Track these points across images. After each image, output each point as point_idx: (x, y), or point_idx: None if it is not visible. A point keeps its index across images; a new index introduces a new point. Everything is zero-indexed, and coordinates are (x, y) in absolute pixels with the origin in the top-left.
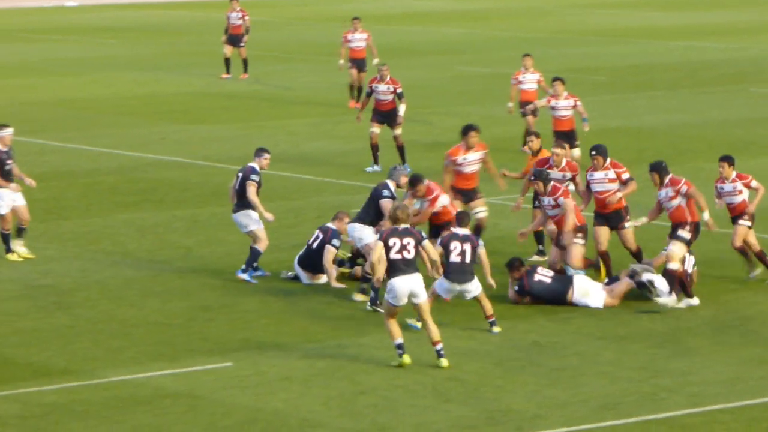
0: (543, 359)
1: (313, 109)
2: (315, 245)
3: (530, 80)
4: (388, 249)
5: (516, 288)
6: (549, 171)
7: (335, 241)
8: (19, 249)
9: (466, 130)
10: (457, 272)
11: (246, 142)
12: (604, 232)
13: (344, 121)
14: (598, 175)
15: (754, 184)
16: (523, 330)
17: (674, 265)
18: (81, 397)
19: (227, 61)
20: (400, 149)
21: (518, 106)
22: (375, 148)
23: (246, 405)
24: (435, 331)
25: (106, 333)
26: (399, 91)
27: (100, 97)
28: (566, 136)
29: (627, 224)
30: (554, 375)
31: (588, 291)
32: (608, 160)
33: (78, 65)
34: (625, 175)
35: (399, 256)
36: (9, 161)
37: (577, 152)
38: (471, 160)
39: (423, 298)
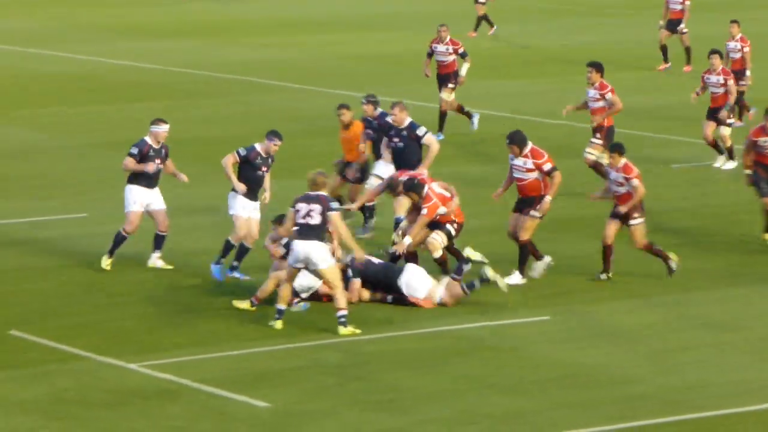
0: None
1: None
2: None
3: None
4: (296, 213)
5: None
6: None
7: None
8: (156, 262)
9: None
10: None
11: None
12: (513, 218)
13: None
14: (518, 162)
15: (634, 182)
16: None
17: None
18: (398, 347)
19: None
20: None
21: None
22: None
23: (563, 359)
24: (341, 300)
25: None
26: (461, 51)
27: (406, 52)
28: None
29: (533, 212)
30: None
31: (414, 282)
32: (528, 147)
33: (391, 19)
34: (547, 166)
35: (303, 221)
36: (157, 159)
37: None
38: None
39: (320, 266)
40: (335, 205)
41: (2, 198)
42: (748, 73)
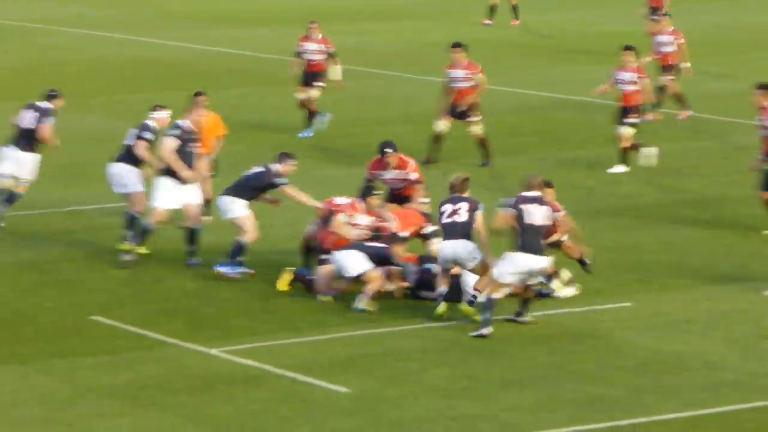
0: None
1: None
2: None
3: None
4: (441, 214)
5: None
6: None
7: None
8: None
9: None
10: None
11: None
12: None
13: None
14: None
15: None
16: None
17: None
18: None
19: None
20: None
21: None
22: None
23: (646, 346)
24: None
25: None
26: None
27: (491, 39)
28: None
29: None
30: None
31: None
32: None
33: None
34: (413, 175)
35: (449, 220)
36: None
37: None
38: None
39: (469, 265)
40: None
41: (79, 184)
42: (685, 65)
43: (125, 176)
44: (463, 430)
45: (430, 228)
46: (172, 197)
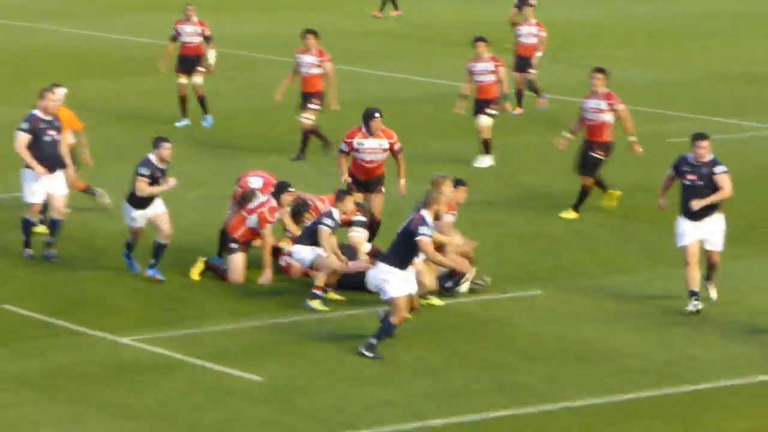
0: None
1: None
2: None
3: None
4: None
5: None
6: None
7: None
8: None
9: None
10: None
11: None
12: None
13: None
14: (369, 143)
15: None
16: None
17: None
18: None
19: None
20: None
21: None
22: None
23: (556, 333)
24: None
25: None
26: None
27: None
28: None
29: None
30: None
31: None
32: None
33: None
34: (397, 145)
35: None
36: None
37: None
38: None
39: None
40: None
41: None
42: (538, 54)
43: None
44: (375, 418)
45: (357, 217)
46: (40, 189)
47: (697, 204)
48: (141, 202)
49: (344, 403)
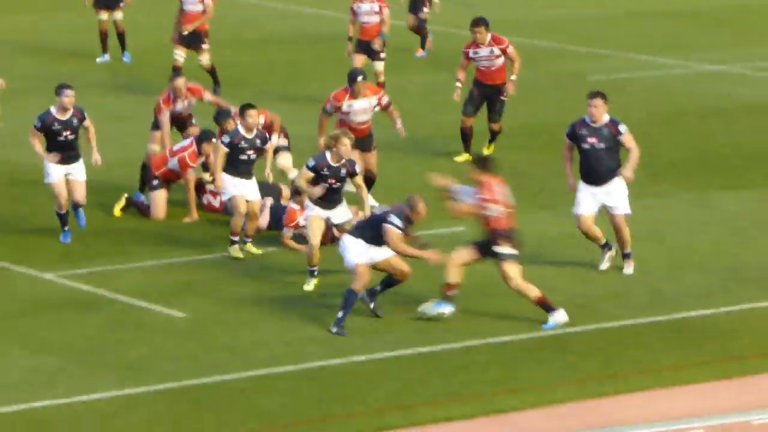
0: None
1: None
2: None
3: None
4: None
5: None
6: None
7: None
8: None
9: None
10: None
11: None
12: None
13: None
14: (359, 103)
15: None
16: None
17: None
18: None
19: None
20: None
21: None
22: None
23: (478, 270)
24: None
25: None
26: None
27: None
28: None
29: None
30: None
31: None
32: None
33: None
34: (384, 99)
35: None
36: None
37: None
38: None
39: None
40: None
41: None
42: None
43: None
44: (296, 354)
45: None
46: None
47: (630, 175)
48: (55, 155)
49: (266, 338)
